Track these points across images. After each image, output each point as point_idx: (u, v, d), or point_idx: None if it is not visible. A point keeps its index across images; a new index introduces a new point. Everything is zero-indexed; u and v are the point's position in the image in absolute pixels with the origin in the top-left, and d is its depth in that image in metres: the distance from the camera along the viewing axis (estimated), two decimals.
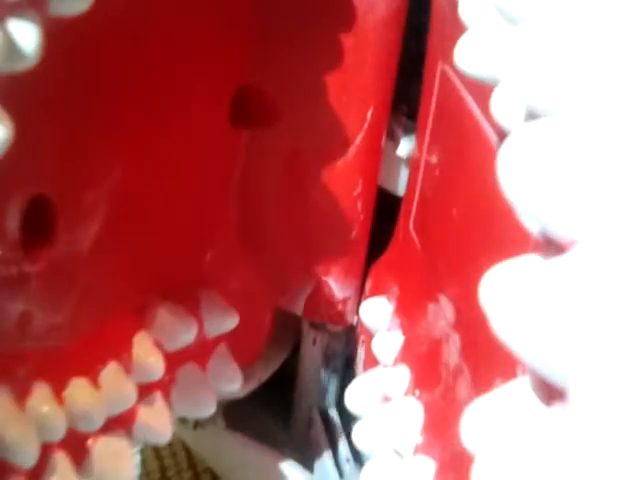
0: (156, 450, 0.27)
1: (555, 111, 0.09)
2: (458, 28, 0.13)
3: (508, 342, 0.08)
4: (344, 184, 0.21)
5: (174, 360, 0.19)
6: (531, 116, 0.09)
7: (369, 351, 0.21)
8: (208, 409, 0.20)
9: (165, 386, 0.19)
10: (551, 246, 0.09)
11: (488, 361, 0.15)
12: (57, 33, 0.12)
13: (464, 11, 0.13)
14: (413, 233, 0.20)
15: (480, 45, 0.13)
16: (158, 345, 0.18)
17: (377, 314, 0.21)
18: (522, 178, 0.08)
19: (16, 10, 0.12)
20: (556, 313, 0.08)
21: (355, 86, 0.19)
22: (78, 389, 0.17)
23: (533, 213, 0.09)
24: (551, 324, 0.08)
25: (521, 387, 0.10)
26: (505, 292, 0.09)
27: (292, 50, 0.20)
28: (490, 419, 0.10)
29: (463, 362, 0.17)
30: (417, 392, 0.18)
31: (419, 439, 0.17)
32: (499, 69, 0.11)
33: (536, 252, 0.09)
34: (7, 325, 0.16)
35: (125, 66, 0.17)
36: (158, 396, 0.18)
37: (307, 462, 0.23)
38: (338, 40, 0.19)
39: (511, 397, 0.10)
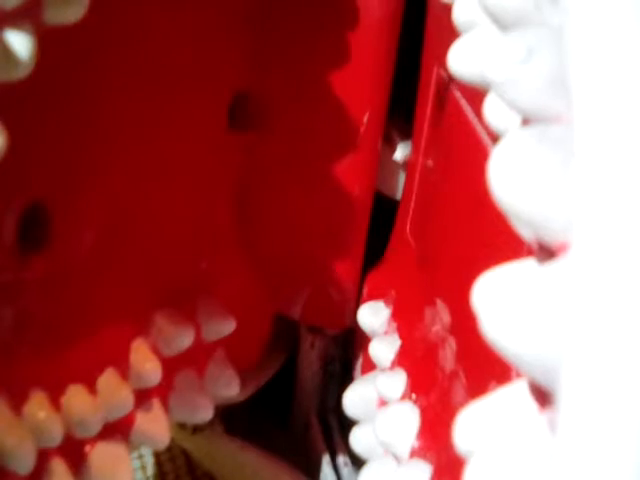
0: (155, 455, 0.27)
1: (545, 117, 0.09)
2: (453, 33, 0.13)
3: (498, 346, 0.08)
4: (341, 188, 0.21)
5: (171, 366, 0.19)
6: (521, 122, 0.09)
7: (366, 355, 0.21)
8: (205, 414, 0.20)
9: (162, 392, 0.19)
10: (543, 251, 0.09)
11: (483, 365, 0.15)
12: (52, 40, 0.12)
13: (457, 16, 0.13)
14: (410, 237, 0.20)
15: (473, 50, 0.13)
16: (155, 351, 0.18)
17: (374, 318, 0.21)
18: (512, 184, 0.08)
19: (11, 19, 0.12)
20: (546, 318, 0.08)
21: (351, 90, 0.19)
22: (75, 395, 0.17)
23: (523, 219, 0.09)
24: (540, 329, 0.08)
25: (514, 391, 0.10)
26: (496, 297, 0.09)
27: (288, 55, 0.20)
28: (483, 423, 0.10)
29: (459, 366, 0.17)
30: (413, 396, 0.18)
31: (415, 443, 0.17)
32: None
33: (529, 257, 0.09)
34: (3, 331, 0.16)
35: (121, 72, 0.17)
36: (155, 402, 0.18)
37: (305, 466, 0.23)
38: (334, 45, 0.19)
39: (504, 401, 0.10)
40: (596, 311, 0.07)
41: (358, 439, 0.20)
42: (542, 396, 0.09)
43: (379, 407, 0.19)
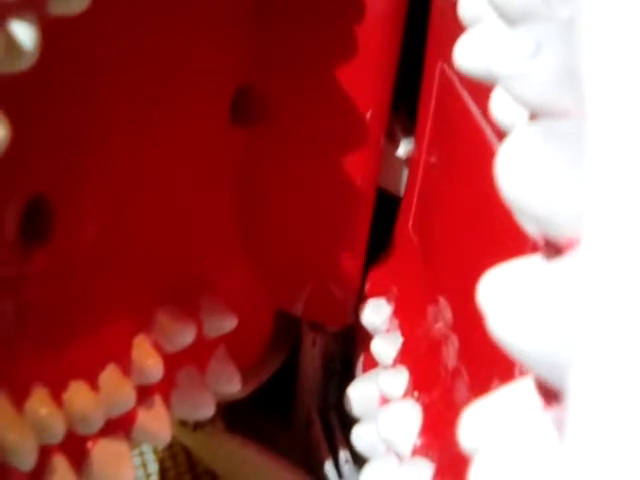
0: (156, 452, 0.27)
1: (553, 112, 0.09)
2: (457, 27, 0.13)
3: (505, 343, 0.08)
4: (343, 184, 0.21)
5: (173, 362, 0.19)
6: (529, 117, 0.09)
7: (368, 352, 0.21)
8: (207, 411, 0.20)
9: (164, 388, 0.19)
10: (549, 248, 0.09)
11: (486, 363, 0.15)
12: (55, 32, 0.12)
13: (463, 10, 0.13)
14: (412, 234, 0.20)
15: (479, 44, 0.13)
16: (157, 347, 0.18)
17: (376, 315, 0.21)
18: (520, 180, 0.08)
19: (15, 10, 0.12)
20: (554, 315, 0.08)
21: (354, 86, 0.19)
22: (77, 392, 0.17)
23: (530, 215, 0.09)
24: (548, 326, 0.08)
25: (519, 389, 0.10)
26: (502, 294, 0.09)
27: (292, 50, 0.20)
28: (488, 421, 0.10)
29: (461, 364, 0.17)
30: (416, 393, 0.18)
31: (417, 441, 0.17)
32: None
33: (535, 254, 0.09)
34: (5, 327, 0.16)
35: (123, 65, 0.17)
36: (157, 398, 0.18)
37: (306, 463, 0.23)
38: (338, 39, 0.19)
39: (509, 399, 0.10)
40: (605, 308, 0.07)
41: (360, 437, 0.20)
42: (548, 394, 0.09)
43: (381, 405, 0.19)
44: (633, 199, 0.07)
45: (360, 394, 0.20)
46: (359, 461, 0.22)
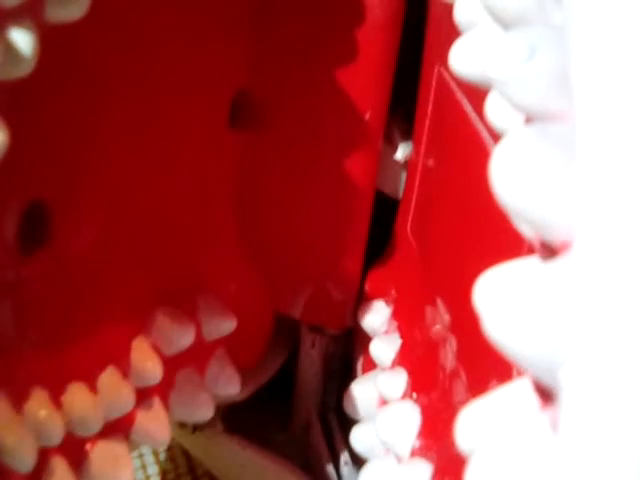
0: (155, 454, 0.27)
1: (547, 116, 0.09)
2: (454, 31, 0.13)
3: (500, 344, 0.08)
4: (342, 187, 0.21)
5: (172, 364, 0.19)
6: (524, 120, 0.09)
7: (367, 354, 0.21)
8: (206, 413, 0.20)
9: (163, 390, 0.19)
10: (545, 249, 0.09)
11: (484, 364, 0.15)
12: (54, 38, 0.12)
13: (459, 15, 0.13)
14: (410, 236, 0.20)
15: (475, 48, 0.13)
16: (156, 349, 0.18)
17: (375, 317, 0.21)
18: (514, 182, 0.08)
19: (13, 17, 0.12)
20: (548, 316, 0.08)
21: (352, 90, 0.20)
22: (76, 394, 0.17)
23: (525, 217, 0.09)
24: (543, 327, 0.08)
25: (516, 389, 0.10)
26: (498, 295, 0.09)
27: (290, 54, 0.20)
28: (485, 422, 0.10)
29: (459, 365, 0.17)
30: (414, 395, 0.18)
31: (416, 442, 0.17)
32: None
33: (530, 256, 0.09)
34: (4, 329, 0.16)
35: (122, 70, 0.17)
36: (156, 400, 0.18)
37: (306, 465, 0.23)
38: (335, 44, 0.19)
39: (506, 400, 0.10)
40: (599, 309, 0.07)
41: (359, 438, 0.20)
42: (544, 394, 0.09)
43: (380, 406, 0.19)
44: (624, 200, 0.08)
45: (359, 396, 0.20)
46: (358, 462, 0.22)
